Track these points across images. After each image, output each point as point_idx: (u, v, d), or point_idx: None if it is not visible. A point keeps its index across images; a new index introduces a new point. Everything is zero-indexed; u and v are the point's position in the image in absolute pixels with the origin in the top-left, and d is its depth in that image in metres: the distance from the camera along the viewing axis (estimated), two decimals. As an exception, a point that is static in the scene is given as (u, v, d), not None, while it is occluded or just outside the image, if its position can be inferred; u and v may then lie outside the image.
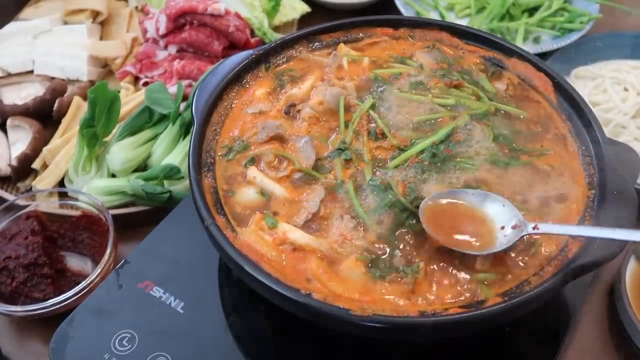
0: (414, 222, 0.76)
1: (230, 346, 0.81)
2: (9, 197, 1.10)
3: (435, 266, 0.74)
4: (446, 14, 1.49)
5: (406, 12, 1.46)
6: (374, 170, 0.83)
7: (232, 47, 1.37)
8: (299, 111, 0.94)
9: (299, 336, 0.82)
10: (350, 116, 0.91)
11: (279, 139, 0.90)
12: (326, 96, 0.93)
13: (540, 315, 0.81)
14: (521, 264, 0.74)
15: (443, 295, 0.71)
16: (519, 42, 1.38)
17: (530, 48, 1.36)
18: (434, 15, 1.49)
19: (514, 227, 0.72)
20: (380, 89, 0.95)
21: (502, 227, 0.73)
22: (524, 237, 0.72)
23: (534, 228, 0.71)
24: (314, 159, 0.86)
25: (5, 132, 1.25)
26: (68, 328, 0.82)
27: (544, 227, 0.71)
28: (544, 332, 0.82)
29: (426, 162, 0.82)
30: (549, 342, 0.82)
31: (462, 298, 0.71)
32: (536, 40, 1.41)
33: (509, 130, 0.89)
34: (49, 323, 0.88)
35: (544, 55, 1.31)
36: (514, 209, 0.74)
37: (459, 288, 0.72)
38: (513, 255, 0.74)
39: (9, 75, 1.36)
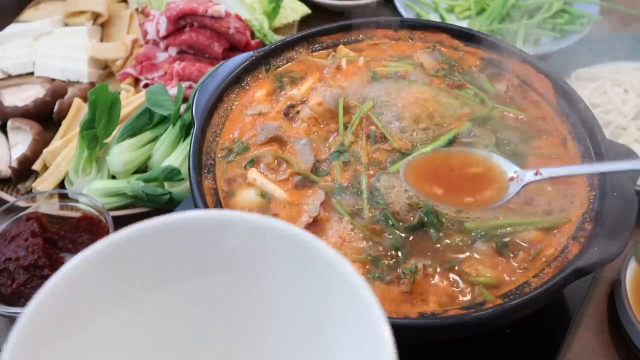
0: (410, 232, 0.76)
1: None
2: (10, 198, 1.10)
3: (434, 268, 0.74)
4: (446, 15, 1.49)
5: (406, 13, 1.46)
6: (373, 175, 0.83)
7: (233, 49, 1.37)
8: (298, 112, 0.94)
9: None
10: (350, 118, 0.91)
11: (278, 140, 0.90)
12: (325, 97, 0.93)
13: (540, 317, 0.80)
14: (522, 265, 0.74)
15: (442, 297, 0.71)
16: (519, 44, 1.38)
17: (530, 50, 1.36)
18: (434, 17, 1.49)
19: (510, 180, 0.69)
20: (380, 90, 0.95)
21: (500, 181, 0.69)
22: (525, 187, 0.67)
23: (535, 174, 0.67)
24: (313, 161, 0.86)
25: (5, 133, 1.25)
26: (68, 330, 0.82)
27: (547, 172, 0.67)
28: (545, 334, 0.82)
29: None
30: (549, 344, 0.82)
31: (462, 299, 0.71)
32: (536, 42, 1.41)
33: (510, 133, 0.89)
34: (49, 325, 0.87)
35: (544, 57, 1.31)
36: (506, 161, 0.70)
37: (458, 289, 0.72)
38: (512, 256, 0.74)
39: (10, 77, 1.36)
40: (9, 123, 1.24)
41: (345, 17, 1.48)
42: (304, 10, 1.51)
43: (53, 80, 1.34)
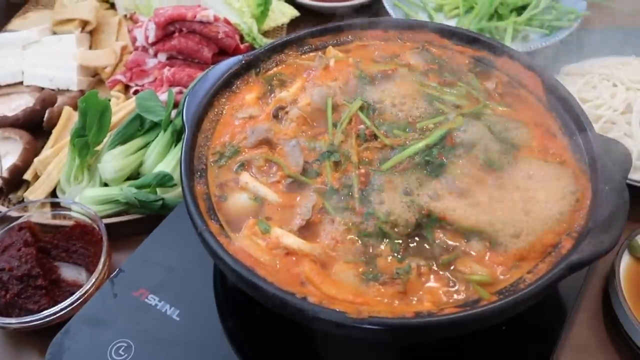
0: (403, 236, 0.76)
1: (227, 352, 0.81)
2: (1, 209, 1.09)
3: (428, 267, 0.74)
4: (435, 14, 1.50)
5: (395, 14, 1.46)
6: (365, 174, 0.82)
7: (222, 53, 1.37)
8: (287, 113, 0.94)
9: (295, 339, 0.81)
10: (339, 117, 0.91)
11: (268, 142, 0.89)
12: (314, 96, 0.93)
13: (535, 313, 0.81)
14: (516, 262, 0.74)
15: (437, 296, 0.71)
16: (507, 41, 1.39)
17: (519, 47, 1.37)
18: (422, 16, 1.50)
19: None
20: (369, 88, 0.95)
21: None
22: None
23: None
24: (302, 163, 0.85)
25: (-5, 144, 1.24)
26: (64, 338, 0.82)
27: None
28: (541, 329, 0.83)
29: (420, 170, 0.81)
30: (545, 338, 0.83)
31: (457, 298, 0.71)
32: (525, 38, 1.42)
33: (501, 129, 0.89)
34: (45, 334, 0.87)
35: (532, 54, 1.32)
36: None
37: (453, 288, 0.72)
38: (506, 253, 0.74)
39: (-1, 87, 1.36)
40: (-1, 133, 1.23)
41: (333, 19, 1.49)
42: (293, 12, 1.51)
43: (42, 89, 1.34)
